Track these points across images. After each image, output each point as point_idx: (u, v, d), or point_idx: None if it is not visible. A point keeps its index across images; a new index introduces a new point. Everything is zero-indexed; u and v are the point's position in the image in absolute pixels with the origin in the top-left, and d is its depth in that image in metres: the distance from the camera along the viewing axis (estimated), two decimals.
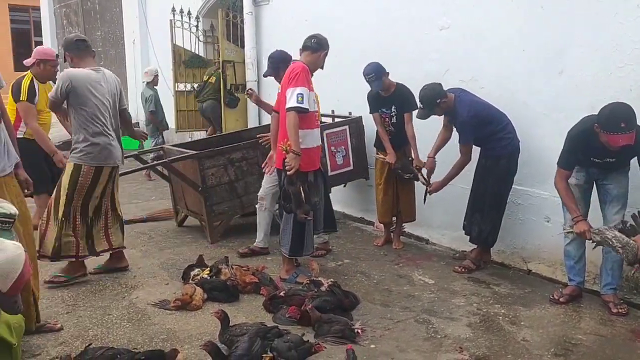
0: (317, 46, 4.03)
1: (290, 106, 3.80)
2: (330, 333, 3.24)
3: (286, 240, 4.11)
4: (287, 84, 3.88)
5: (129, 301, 3.81)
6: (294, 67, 3.94)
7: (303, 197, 3.86)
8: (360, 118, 5.72)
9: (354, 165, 5.71)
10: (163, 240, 5.24)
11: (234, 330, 3.15)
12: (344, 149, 5.64)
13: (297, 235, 4.06)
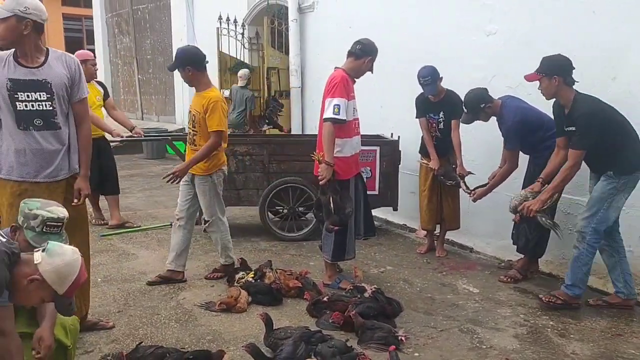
0: (361, 52, 4.01)
1: (326, 117, 3.84)
2: (373, 339, 3.24)
3: (328, 247, 4.14)
4: (326, 93, 3.92)
5: (177, 302, 3.91)
6: (334, 76, 3.94)
7: (332, 208, 3.89)
8: (396, 142, 5.50)
9: (379, 190, 5.46)
10: (208, 243, 5.33)
11: (278, 334, 3.19)
12: (370, 171, 5.35)
13: (339, 240, 4.10)
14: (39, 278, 2.09)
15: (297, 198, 5.44)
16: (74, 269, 2.18)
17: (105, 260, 4.76)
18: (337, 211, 3.90)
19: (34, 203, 2.58)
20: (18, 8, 2.82)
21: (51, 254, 2.14)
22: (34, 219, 2.46)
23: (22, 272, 2.09)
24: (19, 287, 2.09)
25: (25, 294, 2.12)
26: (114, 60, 14.25)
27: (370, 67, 4.10)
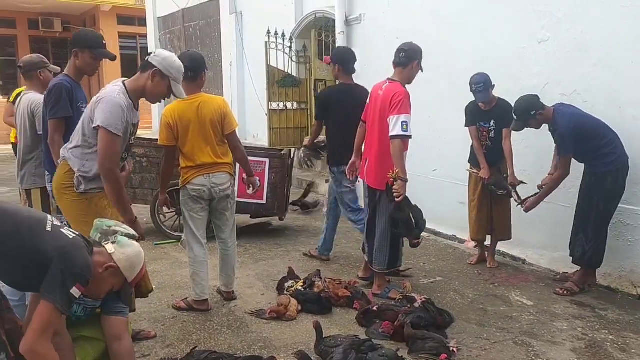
0: (407, 60, 4.02)
1: (395, 134, 3.80)
2: (424, 350, 3.21)
3: (383, 257, 4.14)
4: (390, 109, 3.87)
5: (228, 309, 3.99)
6: (397, 91, 3.89)
7: (413, 223, 3.92)
8: (286, 155, 5.87)
9: (267, 200, 5.77)
10: (258, 252, 5.43)
11: (328, 342, 3.21)
12: (259, 181, 5.12)
13: (394, 250, 4.15)
14: (115, 266, 2.33)
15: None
16: (141, 259, 2.47)
17: (160, 268, 4.90)
18: (417, 225, 3.92)
19: (110, 222, 2.78)
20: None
21: (122, 245, 2.41)
22: (113, 234, 2.62)
23: (97, 261, 2.30)
24: (94, 275, 2.27)
25: (99, 282, 2.32)
26: None
27: (420, 69, 4.12)
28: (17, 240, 2.10)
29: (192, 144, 3.82)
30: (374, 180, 4.11)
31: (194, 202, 3.89)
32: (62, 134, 3.48)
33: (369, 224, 4.24)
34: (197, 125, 3.80)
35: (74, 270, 2.12)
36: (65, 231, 2.24)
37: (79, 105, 3.57)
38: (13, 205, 2.38)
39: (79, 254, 2.16)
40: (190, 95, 3.85)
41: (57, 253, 2.10)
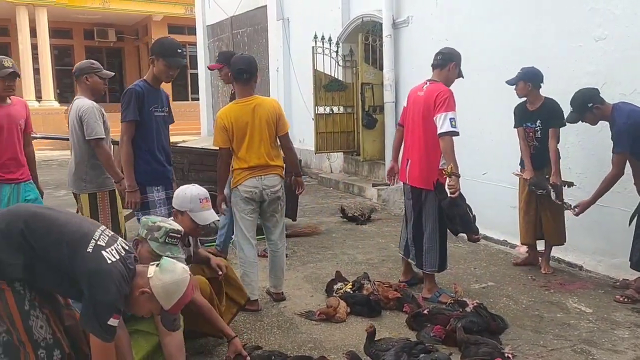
0: (442, 61, 4.09)
1: (445, 131, 3.83)
2: (477, 355, 3.13)
3: (433, 259, 4.09)
4: (435, 108, 3.89)
5: (278, 310, 4.02)
6: (441, 90, 3.94)
7: (472, 217, 3.91)
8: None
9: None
10: (306, 256, 5.45)
11: (380, 345, 3.18)
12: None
13: (443, 251, 4.12)
14: (149, 292, 2.22)
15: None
16: (181, 288, 2.27)
17: None
18: (474, 220, 3.93)
19: (155, 218, 2.84)
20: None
21: (163, 270, 2.26)
22: (158, 230, 2.68)
23: (136, 284, 2.23)
24: (132, 296, 2.23)
25: (136, 304, 2.27)
26: (215, 83, 15.03)
27: (458, 73, 4.15)
28: (56, 254, 2.09)
29: (247, 146, 3.89)
30: (418, 180, 4.07)
31: (245, 203, 3.95)
32: (130, 137, 3.70)
33: (415, 225, 4.18)
34: (252, 127, 3.88)
35: (104, 301, 2.07)
36: (107, 253, 2.14)
37: (151, 109, 3.74)
38: (67, 214, 2.36)
39: (111, 283, 2.08)
40: (245, 97, 3.93)
41: (88, 280, 2.06)
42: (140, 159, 3.76)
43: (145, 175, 3.77)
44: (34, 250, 2.05)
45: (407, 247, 4.33)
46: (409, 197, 4.23)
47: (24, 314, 2.05)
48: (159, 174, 3.85)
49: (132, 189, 3.72)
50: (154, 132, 3.80)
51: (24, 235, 2.05)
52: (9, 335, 2.06)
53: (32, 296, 2.09)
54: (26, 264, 2.04)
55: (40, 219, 2.13)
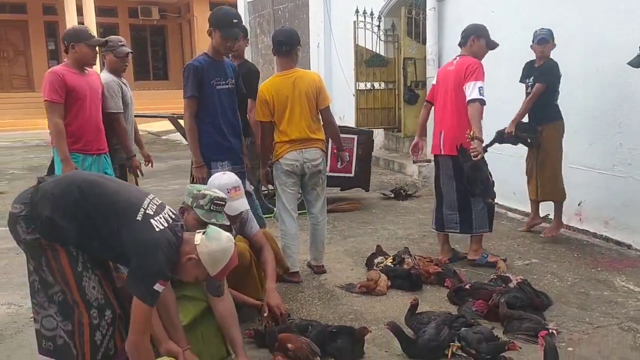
0: (463, 39, 4.28)
1: (474, 98, 3.98)
2: (521, 330, 3.10)
3: (482, 220, 4.20)
4: (465, 77, 4.05)
5: (319, 282, 4.06)
6: (471, 62, 4.09)
7: (492, 182, 4.05)
8: (371, 133, 6.65)
9: (355, 173, 6.27)
10: (346, 230, 5.47)
11: (421, 318, 3.17)
12: (348, 156, 5.80)
13: (492, 211, 4.28)
14: (196, 258, 2.27)
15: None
16: (226, 255, 2.33)
17: None
18: (493, 185, 4.08)
19: (200, 186, 2.90)
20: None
21: (209, 238, 2.31)
22: (203, 198, 2.74)
23: (183, 251, 2.29)
24: (179, 263, 2.29)
25: (183, 270, 2.32)
26: (256, 59, 15.08)
27: (488, 44, 4.27)
28: (107, 222, 2.15)
29: (287, 119, 3.90)
30: (454, 149, 4.15)
31: (286, 176, 3.98)
32: (192, 112, 3.70)
33: (459, 193, 4.21)
34: (292, 100, 3.87)
35: (152, 268, 2.11)
36: (155, 221, 2.18)
37: (212, 83, 3.69)
38: (117, 182, 2.41)
39: (159, 250, 2.13)
40: (285, 70, 3.93)
41: (137, 247, 2.11)
42: (204, 133, 3.74)
43: (209, 149, 3.75)
44: (86, 217, 2.13)
45: (442, 220, 4.34)
46: (447, 167, 4.27)
47: (77, 275, 2.14)
48: (223, 149, 3.78)
49: (199, 164, 3.73)
50: (217, 106, 3.73)
51: (77, 202, 2.13)
52: (63, 295, 2.15)
53: (85, 258, 2.17)
54: (79, 230, 2.12)
55: (93, 187, 2.20)
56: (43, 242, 2.11)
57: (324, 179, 4.14)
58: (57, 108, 3.76)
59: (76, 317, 2.17)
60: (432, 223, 4.50)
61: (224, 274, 2.37)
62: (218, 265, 2.30)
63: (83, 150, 3.93)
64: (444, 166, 4.31)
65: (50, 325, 2.22)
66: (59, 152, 3.78)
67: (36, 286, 2.20)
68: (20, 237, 2.13)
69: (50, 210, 2.10)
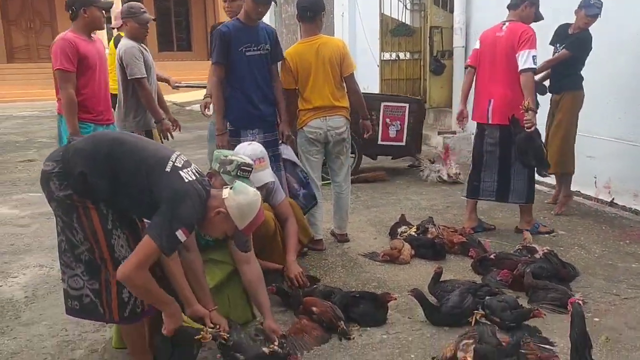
0: (516, 1, 4.10)
1: (527, 67, 3.91)
2: (546, 300, 3.08)
3: (521, 191, 4.20)
4: (519, 45, 3.94)
5: (342, 250, 4.08)
6: (525, 29, 3.97)
7: (545, 153, 4.10)
8: (422, 101, 6.65)
9: (406, 142, 6.25)
10: (369, 200, 5.47)
11: (445, 286, 3.17)
12: (400, 125, 6.16)
13: (533, 182, 4.25)
14: (224, 212, 2.28)
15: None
16: (254, 209, 2.34)
17: None
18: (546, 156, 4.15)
19: (227, 152, 2.90)
20: None
21: (237, 192, 2.32)
22: (230, 164, 2.74)
23: (211, 205, 2.29)
24: (207, 217, 2.30)
25: (211, 225, 2.33)
26: (280, 29, 14.93)
27: (536, 15, 4.13)
28: (137, 177, 2.16)
29: (311, 86, 3.86)
30: (503, 117, 4.07)
31: (310, 144, 3.97)
32: (219, 79, 3.66)
33: (501, 162, 4.20)
34: (316, 67, 3.83)
35: (180, 214, 2.12)
36: (185, 173, 2.20)
37: (241, 49, 3.61)
38: (143, 140, 2.43)
39: (188, 199, 2.14)
40: (309, 37, 3.87)
41: (167, 195, 2.12)
42: (233, 101, 3.69)
43: (238, 118, 3.72)
44: (116, 173, 2.16)
45: (478, 189, 4.32)
46: (492, 136, 4.20)
47: (107, 232, 2.18)
48: (253, 117, 3.71)
49: (220, 132, 3.71)
50: (245, 73, 3.65)
51: (108, 158, 2.16)
52: (90, 253, 2.19)
53: (114, 217, 2.20)
54: (110, 186, 2.15)
55: (121, 144, 2.22)
56: (75, 198, 2.14)
57: (347, 147, 4.12)
58: (70, 77, 3.63)
59: (103, 275, 2.21)
60: (465, 191, 4.45)
61: (251, 228, 2.39)
62: (246, 219, 2.32)
63: (95, 120, 3.85)
64: (489, 135, 4.23)
65: (77, 285, 2.27)
66: (69, 125, 3.65)
67: (63, 246, 2.25)
68: (53, 194, 2.16)
69: (82, 167, 2.13)
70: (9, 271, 3.74)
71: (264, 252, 3.21)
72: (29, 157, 7.97)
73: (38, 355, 2.67)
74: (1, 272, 3.72)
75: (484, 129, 4.26)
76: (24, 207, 5.31)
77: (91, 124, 3.81)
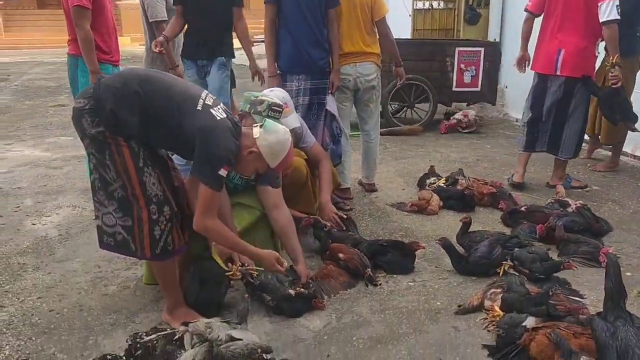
0: None
1: (612, 19, 3.69)
2: (577, 254, 3.02)
3: (572, 146, 4.09)
4: None
5: (369, 200, 4.06)
6: None
7: (631, 105, 4.00)
8: (498, 44, 6.43)
9: (481, 87, 6.24)
10: (398, 152, 5.40)
11: (473, 237, 3.13)
12: (475, 70, 6.15)
13: (582, 138, 4.13)
14: (257, 151, 2.31)
15: (415, 95, 6.21)
16: (285, 147, 2.37)
17: None
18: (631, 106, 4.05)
19: (256, 92, 2.87)
20: None
21: (267, 130, 2.33)
22: (261, 104, 2.71)
23: (243, 144, 2.30)
24: (240, 156, 2.31)
25: (244, 164, 2.36)
26: None
27: None
28: (167, 115, 2.16)
29: (341, 31, 3.75)
30: (576, 69, 3.91)
31: (339, 91, 3.88)
32: (271, 20, 3.60)
33: (558, 115, 4.04)
34: (346, 10, 3.71)
35: (217, 152, 2.14)
36: (215, 111, 2.20)
37: None
38: (172, 77, 2.42)
39: (222, 136, 2.16)
40: None
41: (201, 134, 2.13)
42: (283, 44, 3.62)
43: (285, 61, 3.66)
44: (146, 110, 2.15)
45: (534, 141, 4.18)
46: (556, 87, 4.00)
47: (138, 170, 2.19)
48: (300, 61, 3.61)
49: (271, 74, 3.66)
50: (295, 15, 3.54)
51: (138, 94, 2.14)
52: (123, 190, 2.21)
53: (146, 155, 2.21)
54: (141, 122, 2.15)
55: (150, 81, 2.20)
56: (107, 135, 2.14)
57: (377, 95, 4.02)
58: (87, 14, 3.54)
59: (135, 212, 2.23)
60: (520, 143, 4.28)
61: (282, 166, 2.43)
62: (278, 157, 2.36)
63: (110, 61, 3.80)
64: (552, 86, 4.02)
65: (110, 222, 2.30)
66: (89, 63, 3.59)
67: (97, 184, 2.27)
68: (86, 131, 2.16)
69: (113, 103, 2.12)
70: (42, 210, 3.83)
71: (294, 199, 3.20)
72: (60, 102, 8.07)
73: (72, 290, 2.75)
74: (35, 211, 3.82)
75: (546, 80, 4.04)
76: (56, 150, 5.41)
77: (109, 65, 3.79)
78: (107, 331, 2.39)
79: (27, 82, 10.24)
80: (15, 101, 8.28)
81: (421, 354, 2.23)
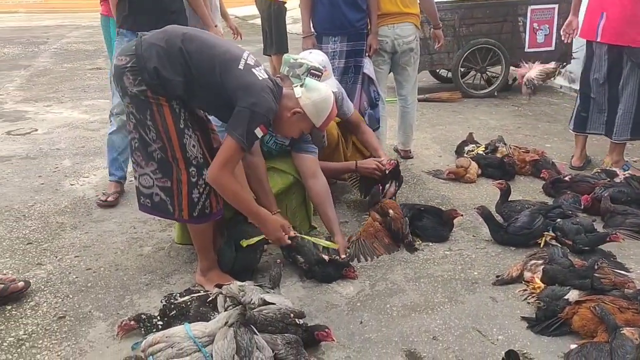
0: None
1: None
2: (624, 225, 2.88)
3: (626, 126, 3.62)
4: None
5: (405, 166, 3.96)
6: None
7: None
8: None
9: (555, 46, 5.85)
10: (435, 118, 5.26)
11: (513, 206, 3.03)
12: (549, 28, 5.83)
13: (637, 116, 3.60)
14: (301, 111, 2.29)
15: (486, 58, 5.92)
16: (329, 104, 2.36)
17: None
18: None
19: (295, 55, 2.81)
20: None
21: (309, 89, 2.31)
22: (300, 67, 2.66)
23: (285, 105, 2.28)
24: (282, 118, 2.29)
25: (288, 125, 2.34)
26: None
27: None
28: (209, 74, 2.12)
29: None
30: (618, 36, 3.50)
31: (375, 54, 3.76)
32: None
33: (609, 89, 3.66)
34: None
35: (257, 110, 2.09)
36: (257, 71, 2.16)
37: None
38: (213, 36, 2.37)
39: (264, 95, 2.12)
40: None
41: (243, 92, 2.09)
42: (319, 3, 3.52)
43: (321, 22, 3.57)
44: (188, 69, 2.11)
45: (587, 120, 3.80)
46: (600, 58, 3.63)
47: (179, 131, 2.16)
48: (337, 22, 3.51)
49: (306, 34, 3.59)
50: None
51: (181, 53, 2.09)
52: (163, 152, 2.19)
53: (186, 117, 2.18)
54: (183, 81, 2.11)
55: (192, 39, 2.15)
56: (149, 94, 2.10)
57: (416, 58, 3.88)
58: None
59: (174, 174, 2.21)
60: (571, 123, 3.95)
61: (327, 123, 2.42)
62: (322, 115, 2.35)
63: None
64: (596, 54, 3.65)
65: (147, 183, 2.29)
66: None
67: (134, 144, 2.25)
68: (127, 89, 2.13)
69: (155, 61, 2.08)
70: (80, 171, 3.89)
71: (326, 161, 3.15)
72: (97, 65, 8.15)
73: (109, 249, 2.79)
74: (74, 172, 3.87)
75: (592, 49, 3.69)
76: (94, 113, 5.46)
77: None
78: (142, 291, 2.42)
79: (65, 45, 10.36)
80: (54, 64, 8.39)
81: (457, 323, 2.18)
